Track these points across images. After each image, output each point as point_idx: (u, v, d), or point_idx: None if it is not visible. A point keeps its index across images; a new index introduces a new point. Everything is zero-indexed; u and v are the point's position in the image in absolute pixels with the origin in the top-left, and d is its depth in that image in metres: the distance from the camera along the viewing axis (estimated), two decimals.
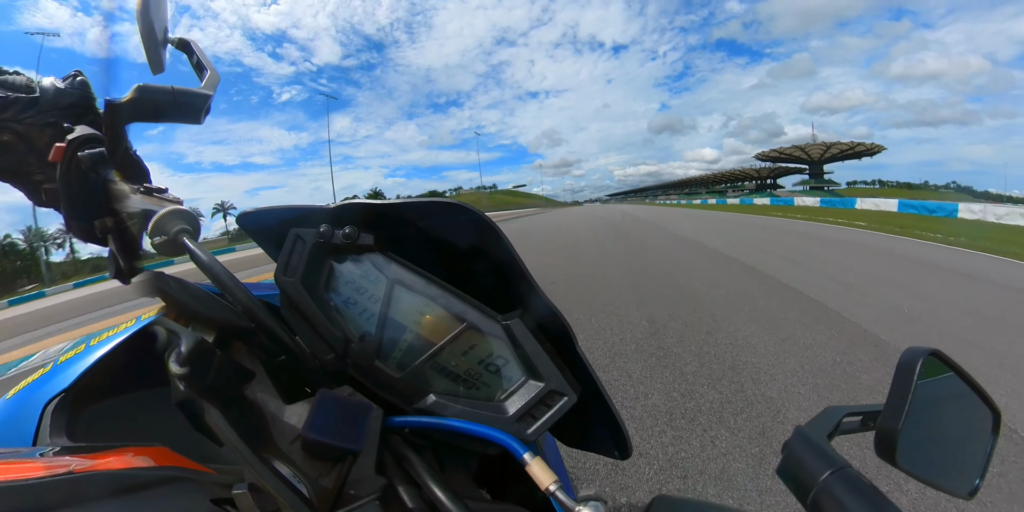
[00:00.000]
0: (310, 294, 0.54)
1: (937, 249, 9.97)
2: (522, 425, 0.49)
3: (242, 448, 0.41)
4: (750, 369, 3.38)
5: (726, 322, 4.61)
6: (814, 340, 3.98)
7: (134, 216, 0.49)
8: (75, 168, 0.47)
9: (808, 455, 0.38)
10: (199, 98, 0.56)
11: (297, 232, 0.56)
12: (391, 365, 0.52)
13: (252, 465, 0.40)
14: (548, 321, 0.51)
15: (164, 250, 0.49)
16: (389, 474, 0.48)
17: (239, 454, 0.41)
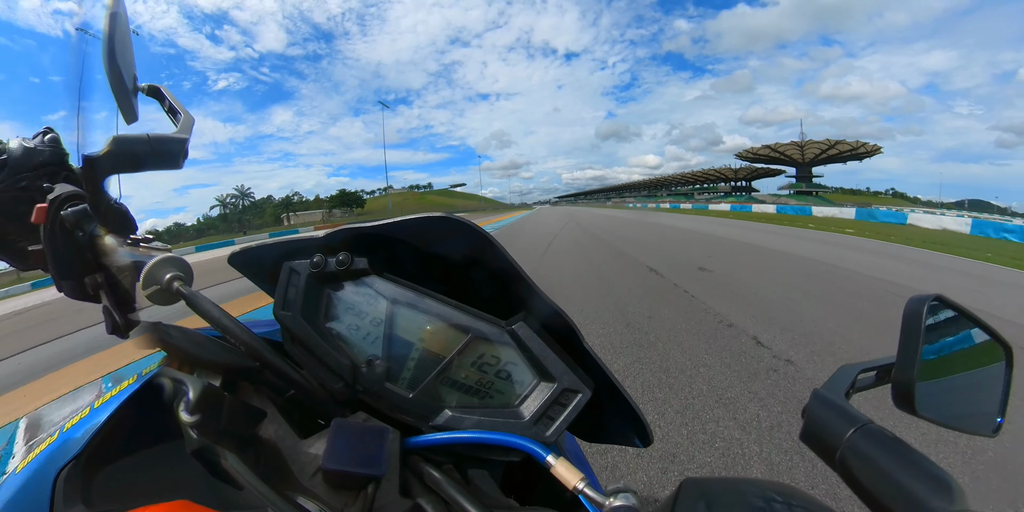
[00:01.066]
0: (311, 325, 0.54)
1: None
2: (540, 428, 0.49)
3: (263, 489, 0.40)
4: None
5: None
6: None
7: (124, 269, 0.48)
8: (60, 227, 0.47)
9: (829, 416, 0.38)
10: (176, 143, 0.56)
11: (291, 265, 0.56)
12: (402, 385, 0.52)
13: (276, 505, 0.39)
14: (552, 320, 0.52)
15: (158, 299, 0.48)
16: (414, 495, 0.47)
17: (262, 496, 0.40)
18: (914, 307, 0.38)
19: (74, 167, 0.53)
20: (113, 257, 0.48)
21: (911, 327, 0.37)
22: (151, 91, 0.66)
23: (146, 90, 0.65)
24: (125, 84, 0.56)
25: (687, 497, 0.23)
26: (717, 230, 17.54)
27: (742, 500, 0.23)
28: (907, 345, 0.38)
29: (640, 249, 11.37)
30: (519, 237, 17.41)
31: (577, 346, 0.52)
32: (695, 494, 0.23)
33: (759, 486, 0.25)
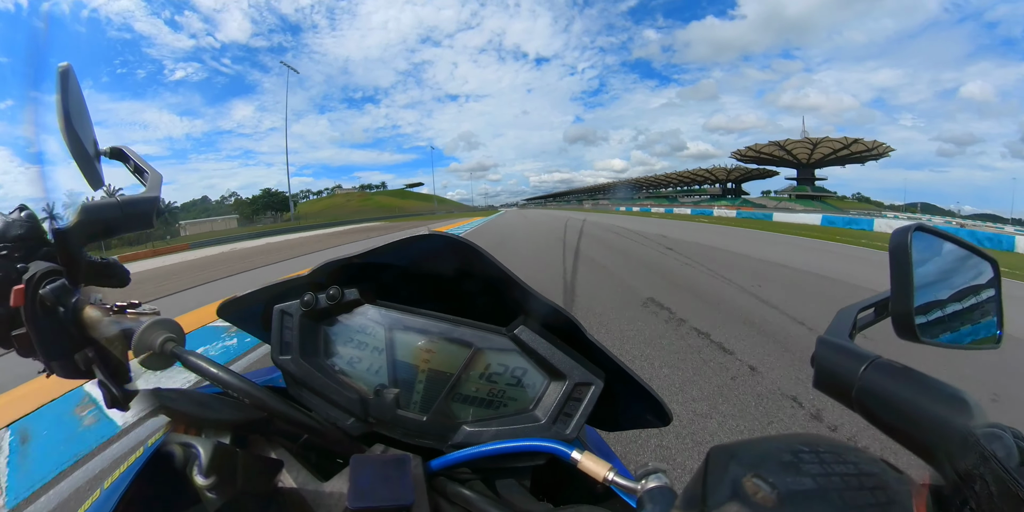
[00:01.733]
0: (312, 365, 0.53)
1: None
2: (559, 426, 0.49)
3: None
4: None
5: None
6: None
7: (114, 339, 0.47)
8: (41, 306, 0.46)
9: (838, 359, 0.38)
10: (147, 203, 0.55)
11: (281, 308, 0.56)
12: (414, 410, 0.52)
13: None
14: (552, 319, 0.52)
15: (153, 364, 0.47)
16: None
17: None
18: (899, 239, 0.38)
19: (51, 242, 0.52)
20: (100, 329, 0.46)
21: (899, 258, 0.38)
22: (114, 153, 0.65)
23: (109, 153, 0.65)
24: (86, 150, 0.55)
25: (716, 465, 0.23)
26: (796, 257, 10.63)
27: (771, 457, 0.23)
28: (899, 276, 0.38)
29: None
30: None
31: (581, 339, 0.52)
32: (724, 461, 0.23)
33: (784, 441, 0.25)
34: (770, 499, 0.20)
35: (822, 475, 0.22)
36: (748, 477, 0.21)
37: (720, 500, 0.21)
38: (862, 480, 0.23)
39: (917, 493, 0.25)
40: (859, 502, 0.22)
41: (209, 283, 9.36)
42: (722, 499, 0.21)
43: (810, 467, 0.23)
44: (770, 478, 0.21)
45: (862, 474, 0.23)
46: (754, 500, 0.20)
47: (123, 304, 0.50)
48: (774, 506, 0.20)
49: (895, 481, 0.24)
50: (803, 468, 0.22)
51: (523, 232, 18.45)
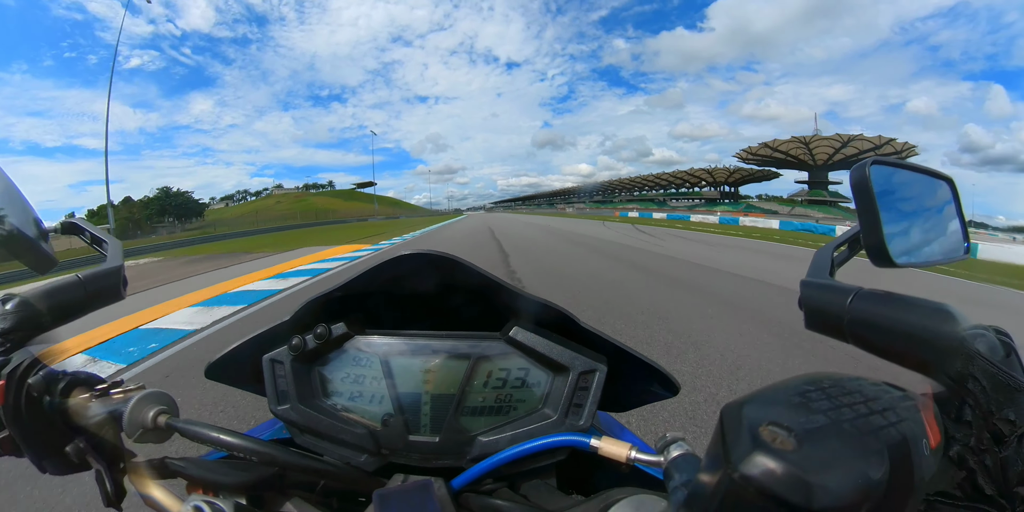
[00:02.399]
0: (313, 410, 0.52)
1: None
2: (572, 418, 0.49)
3: None
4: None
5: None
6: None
7: (103, 424, 0.45)
8: (26, 400, 0.43)
9: (823, 297, 0.39)
10: (111, 276, 0.54)
11: (270, 358, 0.54)
12: (425, 433, 0.51)
13: None
14: (544, 314, 0.52)
15: (149, 439, 0.46)
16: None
17: None
18: (858, 174, 0.39)
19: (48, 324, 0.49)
20: (87, 415, 0.44)
21: (862, 192, 0.39)
22: (67, 228, 0.62)
23: (60, 229, 0.62)
24: (27, 235, 0.53)
25: (731, 421, 0.23)
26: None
27: (780, 403, 0.23)
28: (865, 209, 0.39)
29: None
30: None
31: (576, 329, 0.52)
32: (737, 416, 0.23)
33: (790, 385, 0.25)
34: (789, 442, 0.21)
35: (832, 409, 0.23)
36: (764, 426, 0.22)
37: (743, 454, 0.21)
38: (870, 405, 0.24)
39: (923, 405, 0.26)
40: (873, 425, 0.23)
41: None
42: (744, 452, 0.21)
43: (819, 404, 0.23)
44: (784, 423, 0.22)
45: (869, 399, 0.24)
46: (774, 447, 0.21)
47: (105, 385, 0.47)
48: (794, 448, 0.21)
49: (900, 398, 0.25)
50: (813, 406, 0.23)
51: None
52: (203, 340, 4.56)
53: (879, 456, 0.21)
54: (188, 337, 4.66)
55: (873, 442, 0.22)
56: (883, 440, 0.22)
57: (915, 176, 0.45)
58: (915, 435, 0.23)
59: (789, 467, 0.20)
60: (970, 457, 0.28)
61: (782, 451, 0.21)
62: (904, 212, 0.42)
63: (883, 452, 0.22)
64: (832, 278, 0.42)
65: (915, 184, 0.45)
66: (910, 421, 0.24)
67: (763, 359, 3.79)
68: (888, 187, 0.40)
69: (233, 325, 5.14)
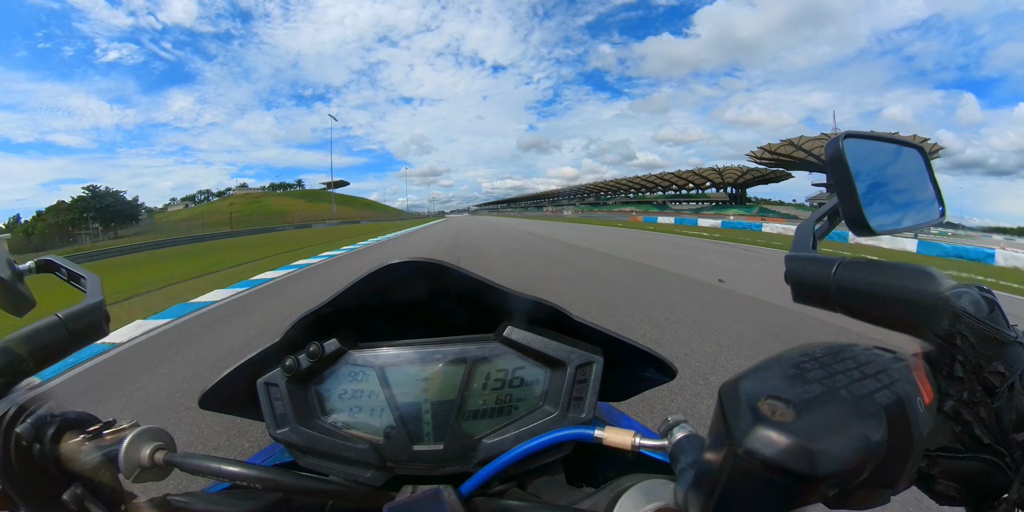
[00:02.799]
0: (313, 430, 0.51)
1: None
2: (574, 412, 0.49)
3: None
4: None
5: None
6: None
7: (99, 467, 0.43)
8: (16, 451, 0.41)
9: (807, 269, 0.39)
10: (92, 312, 0.52)
11: (264, 380, 0.54)
12: (429, 441, 0.50)
13: None
14: (536, 312, 0.52)
15: (148, 478, 0.44)
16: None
17: None
18: (832, 149, 0.40)
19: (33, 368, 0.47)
20: (81, 460, 0.43)
21: (838, 165, 0.39)
22: (42, 266, 0.61)
23: (35, 269, 0.61)
24: (1, 278, 0.52)
25: (730, 399, 0.23)
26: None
27: (776, 376, 0.24)
28: (841, 182, 0.39)
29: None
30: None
31: (569, 323, 0.52)
32: (735, 393, 0.23)
33: (783, 358, 0.26)
34: (788, 414, 0.22)
35: (827, 377, 0.24)
36: (762, 400, 0.22)
37: (744, 429, 0.22)
38: (863, 369, 0.25)
39: (914, 365, 0.26)
40: (868, 389, 0.23)
41: None
42: (746, 428, 0.22)
43: (814, 373, 0.24)
44: (782, 395, 0.22)
45: (862, 364, 0.25)
46: (775, 419, 0.21)
47: (96, 426, 0.45)
48: (794, 419, 0.21)
49: (891, 361, 0.26)
50: (808, 376, 0.24)
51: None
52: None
53: (877, 418, 0.22)
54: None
55: (870, 405, 0.22)
56: (879, 402, 0.23)
57: (887, 146, 0.46)
58: (909, 394, 0.24)
59: (791, 437, 0.20)
60: (965, 410, 0.29)
61: (782, 423, 0.21)
62: (879, 182, 0.43)
63: (880, 414, 0.22)
64: (815, 251, 0.42)
65: (887, 154, 0.46)
66: (903, 381, 0.24)
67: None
68: (862, 159, 0.41)
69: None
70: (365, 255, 15.45)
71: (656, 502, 0.38)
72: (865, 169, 0.40)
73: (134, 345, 5.02)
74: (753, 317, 5.52)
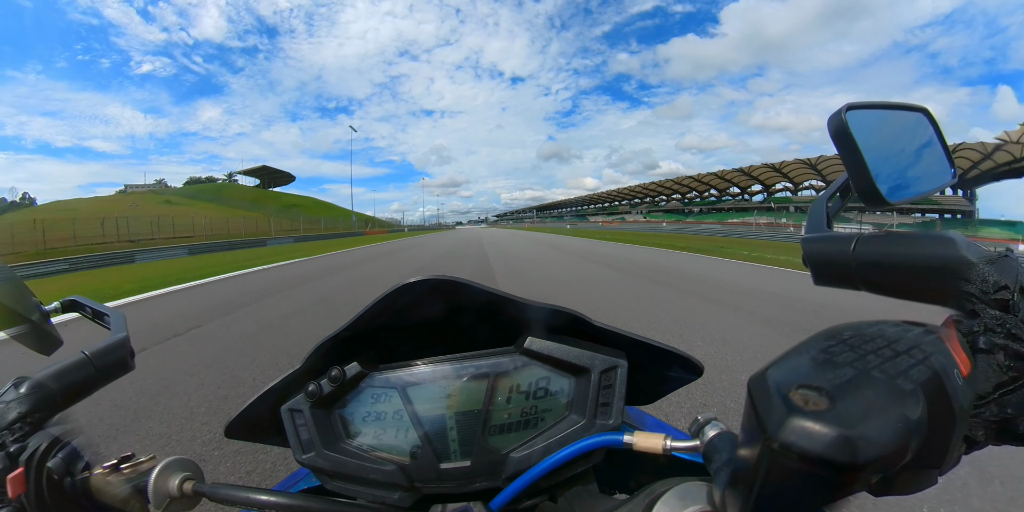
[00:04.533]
0: (339, 454, 0.52)
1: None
2: (601, 418, 0.48)
3: None
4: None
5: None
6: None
7: (129, 499, 0.44)
8: (49, 485, 0.42)
9: (825, 249, 0.38)
10: (117, 349, 0.54)
11: (288, 407, 0.54)
12: (456, 458, 0.50)
13: None
14: (555, 321, 0.51)
15: (178, 509, 0.45)
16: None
17: None
18: (835, 121, 0.39)
19: (62, 407, 0.48)
20: (111, 492, 0.44)
21: (843, 138, 0.38)
22: (68, 307, 0.63)
23: (61, 309, 0.62)
24: (30, 319, 0.54)
25: (759, 392, 0.23)
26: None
27: (804, 363, 0.23)
28: (849, 155, 0.38)
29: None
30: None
31: (589, 328, 0.51)
32: (764, 385, 0.23)
33: (809, 344, 0.25)
34: (821, 402, 0.21)
35: (858, 359, 0.23)
36: (793, 391, 0.22)
37: (778, 422, 0.21)
38: (894, 347, 0.24)
39: (946, 336, 0.25)
40: (902, 367, 0.22)
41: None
42: (779, 420, 0.21)
43: (843, 357, 0.23)
44: (813, 383, 0.22)
45: (892, 342, 0.24)
46: (808, 409, 0.21)
47: (115, 461, 0.46)
48: (828, 406, 0.21)
49: (923, 334, 0.25)
50: (838, 360, 0.23)
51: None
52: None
53: (913, 396, 0.21)
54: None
55: (905, 383, 0.22)
56: (914, 379, 0.22)
57: (891, 113, 0.44)
58: (944, 367, 0.23)
59: (827, 426, 0.20)
60: (1009, 343, 0.27)
61: (817, 412, 0.20)
62: (887, 151, 0.41)
63: (916, 391, 0.21)
64: (830, 229, 0.41)
65: (893, 121, 0.44)
66: (937, 354, 0.24)
67: None
68: (867, 129, 0.40)
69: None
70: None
71: (693, 506, 0.37)
72: (872, 140, 0.39)
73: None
74: None
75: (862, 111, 0.41)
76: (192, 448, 2.58)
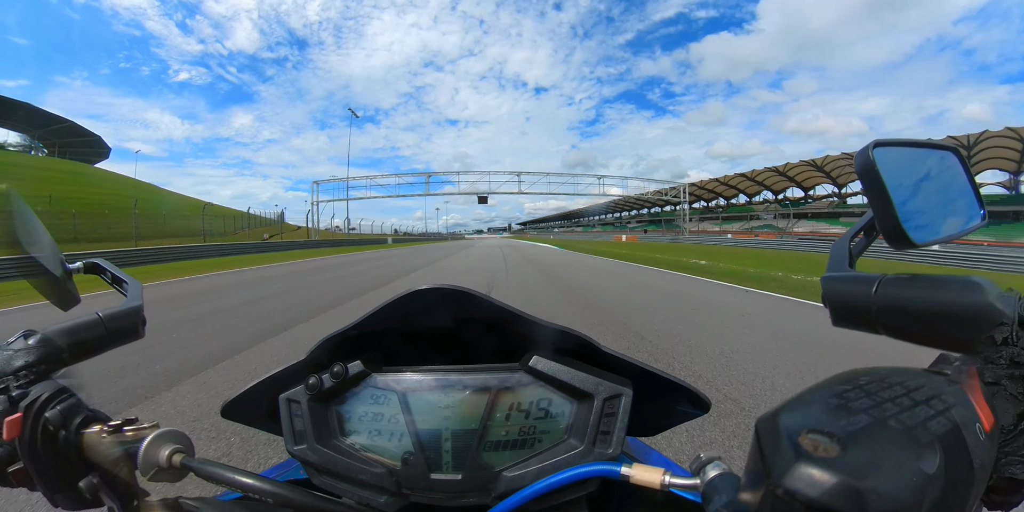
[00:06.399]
0: (330, 449, 0.51)
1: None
2: (600, 447, 0.47)
3: None
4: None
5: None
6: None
7: (118, 461, 0.44)
8: (43, 434, 0.43)
9: (846, 289, 0.37)
10: (131, 315, 0.55)
11: (287, 397, 0.54)
12: (447, 470, 0.49)
13: None
14: (563, 342, 0.51)
15: (163, 478, 0.45)
16: None
17: None
18: (862, 159, 0.38)
19: (67, 363, 0.50)
20: (103, 451, 0.44)
21: (870, 176, 0.37)
22: (89, 268, 0.64)
23: (83, 270, 0.64)
24: (53, 274, 0.55)
25: (767, 434, 0.22)
26: None
27: (816, 408, 0.22)
28: (874, 194, 0.37)
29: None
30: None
31: (597, 353, 0.51)
32: (772, 428, 0.22)
33: (823, 387, 0.24)
34: (832, 449, 0.20)
35: (874, 406, 0.22)
36: (803, 435, 0.21)
37: (784, 467, 0.20)
38: (913, 396, 0.22)
39: (969, 387, 0.24)
40: (920, 418, 0.21)
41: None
42: (786, 465, 0.20)
43: (859, 403, 0.22)
44: (825, 428, 0.21)
45: (911, 390, 0.23)
46: (817, 455, 0.19)
47: (118, 422, 0.47)
48: (839, 454, 0.19)
49: (944, 384, 0.23)
50: (853, 406, 0.22)
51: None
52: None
53: (931, 449, 0.20)
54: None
55: (922, 435, 0.20)
56: (932, 431, 0.21)
57: (919, 152, 0.43)
58: (966, 420, 0.22)
59: (836, 475, 0.19)
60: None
61: (826, 459, 0.19)
62: (915, 190, 0.40)
63: (934, 444, 0.20)
64: (853, 269, 0.40)
65: (921, 160, 0.43)
66: (959, 406, 0.22)
67: None
68: (895, 167, 0.39)
69: None
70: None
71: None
72: (899, 178, 0.38)
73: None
74: None
75: (890, 148, 0.40)
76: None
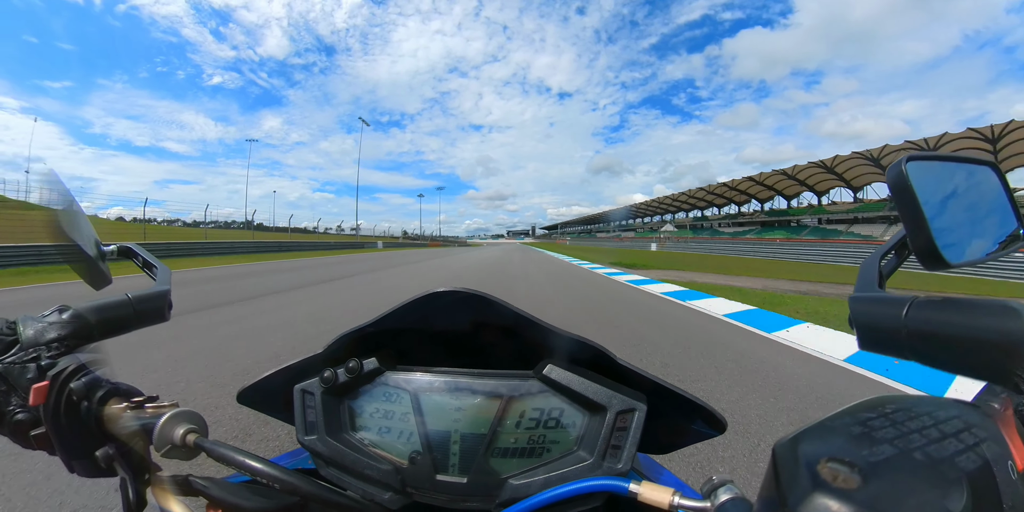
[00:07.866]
0: (340, 442, 0.52)
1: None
2: (610, 461, 0.46)
3: None
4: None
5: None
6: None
7: (134, 435, 0.46)
8: (67, 403, 0.45)
9: (875, 311, 0.35)
10: (158, 298, 0.57)
11: (302, 387, 0.55)
12: (453, 473, 0.49)
13: None
14: (579, 352, 0.50)
15: (176, 456, 0.47)
16: None
17: None
18: (895, 174, 0.37)
19: (93, 340, 0.52)
20: (120, 425, 0.46)
21: (903, 192, 0.36)
22: (122, 252, 0.67)
23: (116, 253, 0.66)
24: (87, 254, 0.57)
25: (785, 460, 0.21)
26: None
27: (839, 435, 0.21)
28: (907, 210, 0.36)
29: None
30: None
31: (612, 365, 0.50)
32: (791, 454, 0.21)
33: (847, 414, 0.23)
34: (853, 480, 0.19)
35: (899, 437, 0.21)
36: (823, 464, 0.20)
37: (800, 496, 0.19)
38: (942, 428, 0.21)
39: (1003, 421, 0.23)
40: (948, 451, 0.20)
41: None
42: (802, 494, 0.19)
43: (883, 433, 0.21)
44: (846, 458, 0.20)
45: (940, 422, 0.22)
46: (836, 486, 0.18)
47: (140, 399, 0.49)
48: (859, 486, 0.18)
49: (976, 416, 0.22)
50: (876, 435, 0.21)
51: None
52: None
53: (957, 486, 0.19)
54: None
55: (949, 470, 0.19)
56: (960, 467, 0.20)
57: (954, 166, 0.41)
58: (998, 457, 0.21)
59: (854, 508, 0.18)
60: None
61: (845, 490, 0.19)
62: (950, 207, 0.38)
63: (961, 481, 0.19)
64: (882, 290, 0.38)
65: (956, 175, 0.41)
66: (990, 441, 0.21)
67: None
68: (929, 183, 0.37)
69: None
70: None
71: None
72: (933, 194, 0.36)
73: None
74: None
75: (924, 163, 0.38)
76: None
